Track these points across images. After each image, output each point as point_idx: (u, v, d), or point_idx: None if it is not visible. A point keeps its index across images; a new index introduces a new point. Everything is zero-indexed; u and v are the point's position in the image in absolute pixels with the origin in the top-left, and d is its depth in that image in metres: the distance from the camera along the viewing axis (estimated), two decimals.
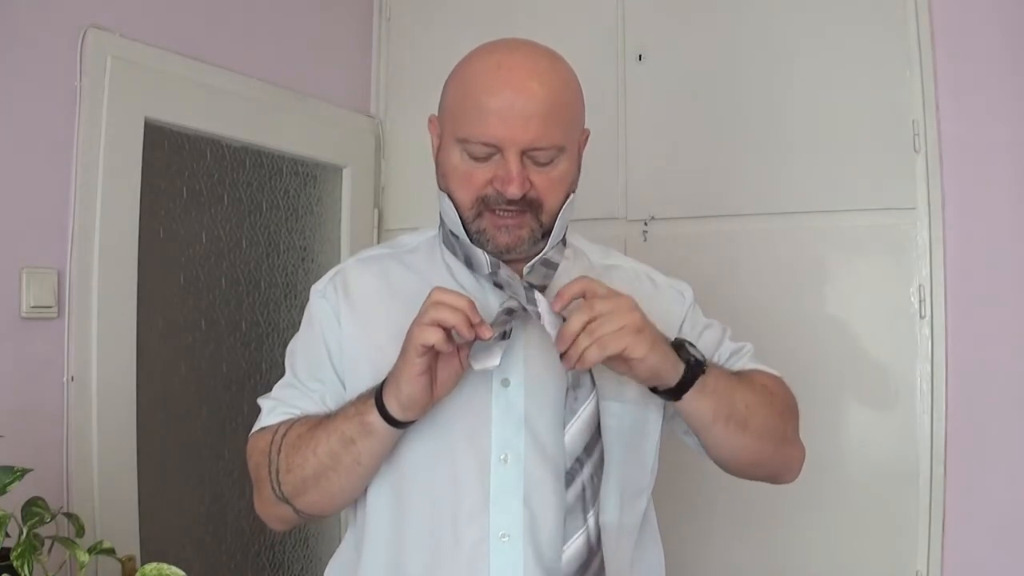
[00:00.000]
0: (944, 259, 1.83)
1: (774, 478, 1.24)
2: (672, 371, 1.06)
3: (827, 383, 1.90)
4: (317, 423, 1.12)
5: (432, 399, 1.05)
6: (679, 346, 1.08)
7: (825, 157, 1.93)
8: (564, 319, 1.04)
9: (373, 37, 2.45)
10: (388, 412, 1.05)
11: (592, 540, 1.05)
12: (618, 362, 1.04)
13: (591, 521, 1.05)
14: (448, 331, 1.00)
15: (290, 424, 1.15)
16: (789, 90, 1.98)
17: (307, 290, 1.26)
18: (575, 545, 1.05)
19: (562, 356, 1.03)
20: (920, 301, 1.85)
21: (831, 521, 1.89)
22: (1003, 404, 1.78)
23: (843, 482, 1.88)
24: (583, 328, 1.01)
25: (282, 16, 2.14)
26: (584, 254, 1.26)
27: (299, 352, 1.23)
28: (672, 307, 1.24)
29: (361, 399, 1.09)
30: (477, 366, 1.04)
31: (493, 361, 1.03)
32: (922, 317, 1.84)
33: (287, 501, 1.13)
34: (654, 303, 1.22)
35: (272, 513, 1.17)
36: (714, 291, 1.62)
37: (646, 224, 2.09)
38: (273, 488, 1.13)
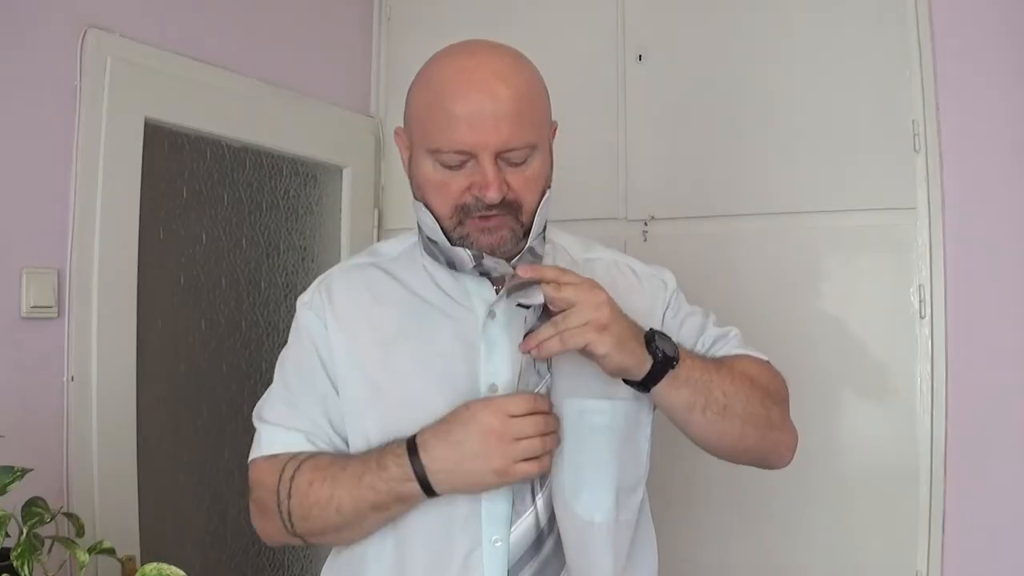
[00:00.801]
0: (944, 259, 1.83)
1: (763, 463, 1.23)
2: (639, 367, 1.06)
3: (827, 383, 1.90)
4: (334, 474, 1.09)
5: None
6: (649, 339, 1.07)
7: (825, 157, 1.93)
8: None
9: (373, 37, 2.45)
10: (434, 489, 1.05)
11: (542, 522, 1.07)
12: (586, 352, 1.05)
13: (540, 503, 1.07)
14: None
15: (298, 465, 1.12)
16: (789, 90, 1.98)
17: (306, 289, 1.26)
18: (523, 526, 1.06)
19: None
20: (920, 301, 1.85)
21: (831, 521, 1.89)
22: (1003, 404, 1.78)
23: (843, 481, 1.88)
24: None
25: (282, 16, 2.14)
26: (564, 249, 1.24)
27: (290, 365, 1.21)
28: (654, 297, 1.24)
29: (390, 471, 1.05)
30: (526, 301, 1.05)
31: (537, 298, 1.04)
32: (922, 317, 1.84)
33: (300, 537, 1.13)
34: (635, 294, 1.22)
35: (277, 539, 1.17)
36: (714, 291, 1.62)
37: (646, 224, 2.09)
38: (285, 526, 1.12)
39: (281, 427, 1.17)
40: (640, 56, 2.14)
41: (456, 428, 1.03)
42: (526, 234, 1.12)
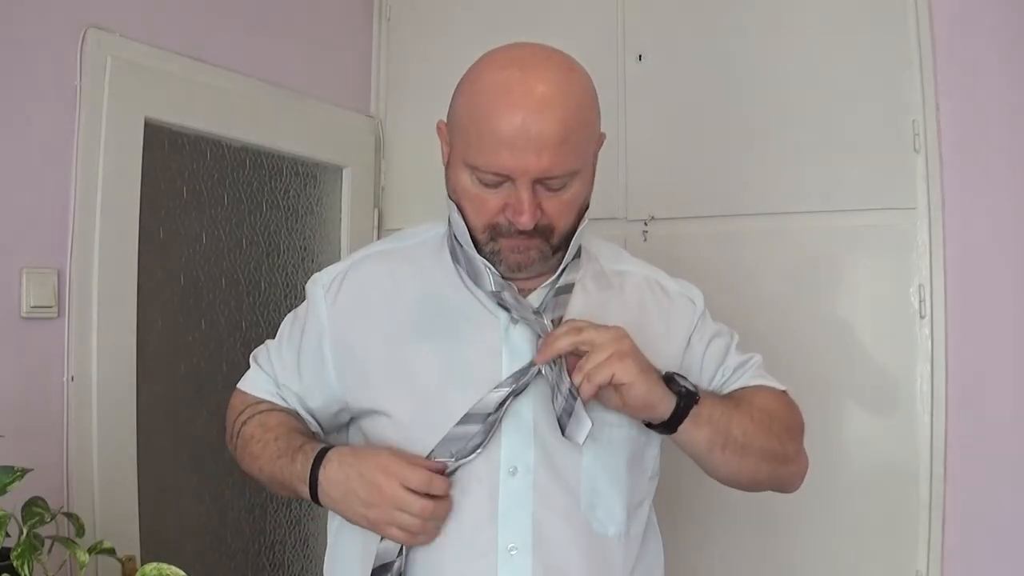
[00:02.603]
0: (944, 259, 1.83)
1: (776, 490, 1.24)
2: (664, 402, 1.06)
3: (827, 383, 1.90)
4: (266, 441, 1.16)
5: None
6: (669, 379, 1.08)
7: (825, 157, 1.93)
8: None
9: (373, 37, 2.45)
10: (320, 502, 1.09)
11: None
12: (610, 395, 1.05)
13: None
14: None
15: (253, 414, 1.22)
16: (789, 90, 1.97)
17: (306, 290, 1.25)
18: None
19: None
20: (920, 301, 1.84)
21: (831, 521, 1.89)
22: (1003, 404, 1.78)
23: (843, 482, 1.88)
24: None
25: (282, 16, 2.14)
26: (595, 258, 1.23)
27: (287, 339, 1.25)
28: (682, 317, 1.23)
29: (296, 467, 1.10)
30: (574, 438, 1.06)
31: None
32: (922, 317, 1.84)
33: (245, 472, 1.22)
34: (665, 314, 1.21)
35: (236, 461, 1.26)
36: (714, 291, 1.61)
37: (646, 224, 2.09)
38: (234, 457, 1.24)
39: (263, 373, 1.27)
40: (640, 56, 2.13)
41: (357, 466, 1.05)
42: (555, 251, 1.11)
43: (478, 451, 1.07)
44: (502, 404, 1.07)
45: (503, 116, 1.02)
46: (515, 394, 1.08)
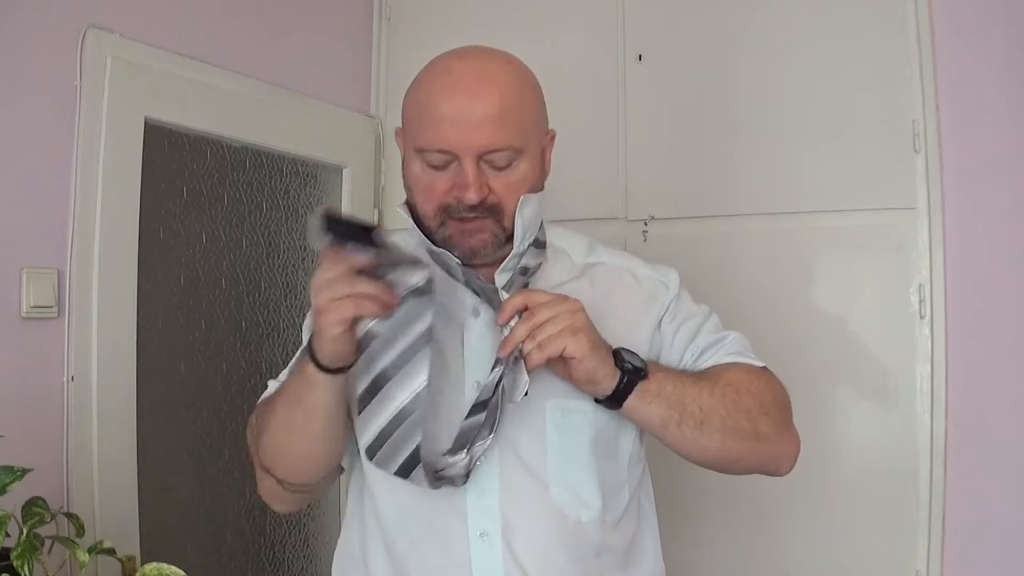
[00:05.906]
0: (944, 259, 1.83)
1: (761, 472, 1.22)
2: (609, 377, 1.07)
3: (827, 383, 1.90)
4: (276, 392, 1.17)
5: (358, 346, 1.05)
6: (615, 355, 1.08)
7: (825, 157, 1.93)
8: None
9: (373, 37, 2.45)
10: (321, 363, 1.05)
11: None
12: (558, 365, 1.06)
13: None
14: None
15: (259, 401, 1.23)
16: (789, 90, 1.98)
17: (307, 290, 1.27)
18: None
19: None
20: (920, 301, 1.85)
21: (831, 521, 1.89)
22: (1003, 404, 1.78)
23: (843, 482, 1.88)
24: (528, 335, 1.03)
25: (282, 16, 2.14)
26: (565, 253, 1.24)
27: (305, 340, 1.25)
28: (653, 302, 1.22)
29: (303, 354, 1.12)
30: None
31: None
32: (922, 317, 1.84)
33: (268, 472, 1.16)
34: (634, 301, 1.22)
35: (265, 489, 1.20)
36: (714, 291, 1.62)
37: (646, 224, 2.09)
38: (258, 460, 1.18)
39: (275, 381, 1.24)
40: (640, 56, 2.13)
41: None
42: (509, 239, 1.12)
43: (491, 436, 1.05)
44: (498, 384, 1.06)
45: (445, 96, 1.08)
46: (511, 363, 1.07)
